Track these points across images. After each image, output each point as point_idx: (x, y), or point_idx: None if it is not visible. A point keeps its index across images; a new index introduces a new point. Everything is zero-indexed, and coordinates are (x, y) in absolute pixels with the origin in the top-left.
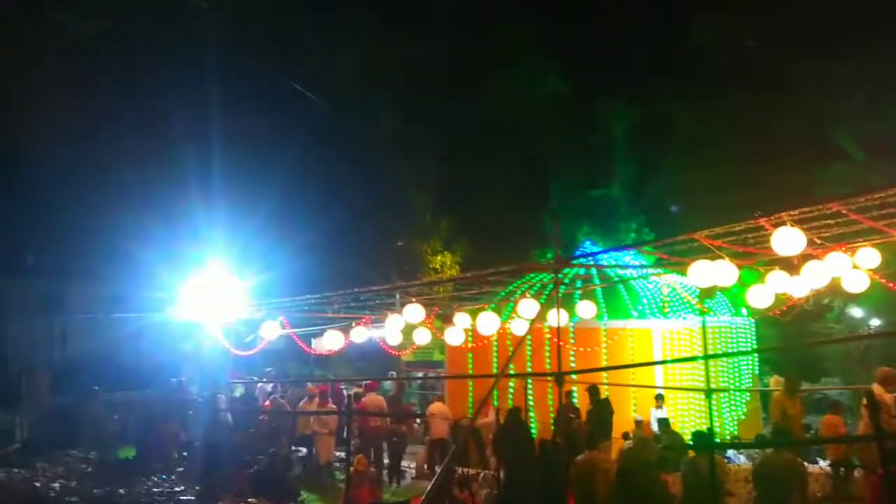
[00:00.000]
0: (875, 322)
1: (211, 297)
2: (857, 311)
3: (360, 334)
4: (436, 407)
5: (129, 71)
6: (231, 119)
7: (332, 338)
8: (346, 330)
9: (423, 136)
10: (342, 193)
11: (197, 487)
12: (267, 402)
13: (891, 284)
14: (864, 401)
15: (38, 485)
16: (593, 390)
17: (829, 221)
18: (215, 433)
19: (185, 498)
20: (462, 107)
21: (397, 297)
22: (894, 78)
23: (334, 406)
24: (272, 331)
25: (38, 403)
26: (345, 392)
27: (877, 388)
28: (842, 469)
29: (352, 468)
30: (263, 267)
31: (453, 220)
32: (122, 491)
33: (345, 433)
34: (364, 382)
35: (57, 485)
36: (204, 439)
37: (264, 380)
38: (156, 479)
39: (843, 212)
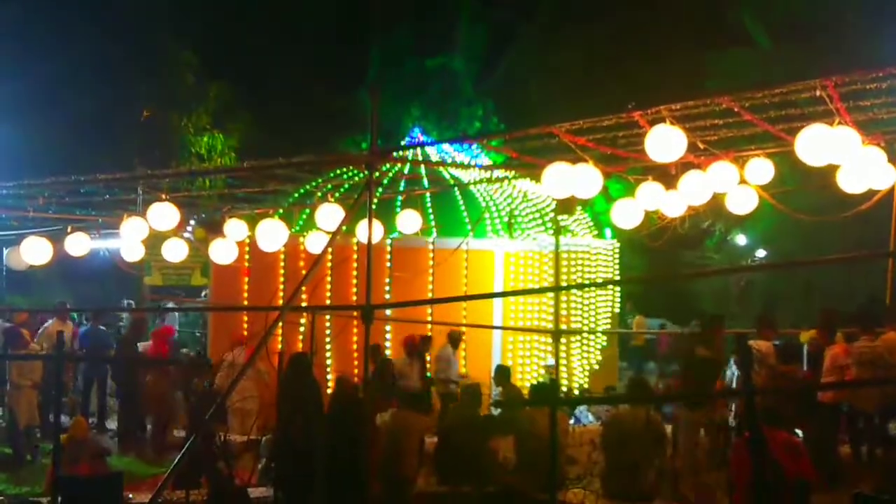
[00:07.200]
0: (761, 253)
1: None
2: (741, 239)
3: (80, 244)
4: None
5: None
6: None
7: (35, 248)
8: (58, 238)
9: None
10: (63, 39)
11: None
12: None
13: (783, 206)
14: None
15: None
16: None
17: (717, 121)
18: None
19: None
20: None
21: (140, 192)
22: None
23: (37, 347)
24: None
25: None
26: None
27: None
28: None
29: (63, 436)
30: None
31: (229, 88)
32: None
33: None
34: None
35: None
36: None
37: None
38: None
39: (736, 109)
